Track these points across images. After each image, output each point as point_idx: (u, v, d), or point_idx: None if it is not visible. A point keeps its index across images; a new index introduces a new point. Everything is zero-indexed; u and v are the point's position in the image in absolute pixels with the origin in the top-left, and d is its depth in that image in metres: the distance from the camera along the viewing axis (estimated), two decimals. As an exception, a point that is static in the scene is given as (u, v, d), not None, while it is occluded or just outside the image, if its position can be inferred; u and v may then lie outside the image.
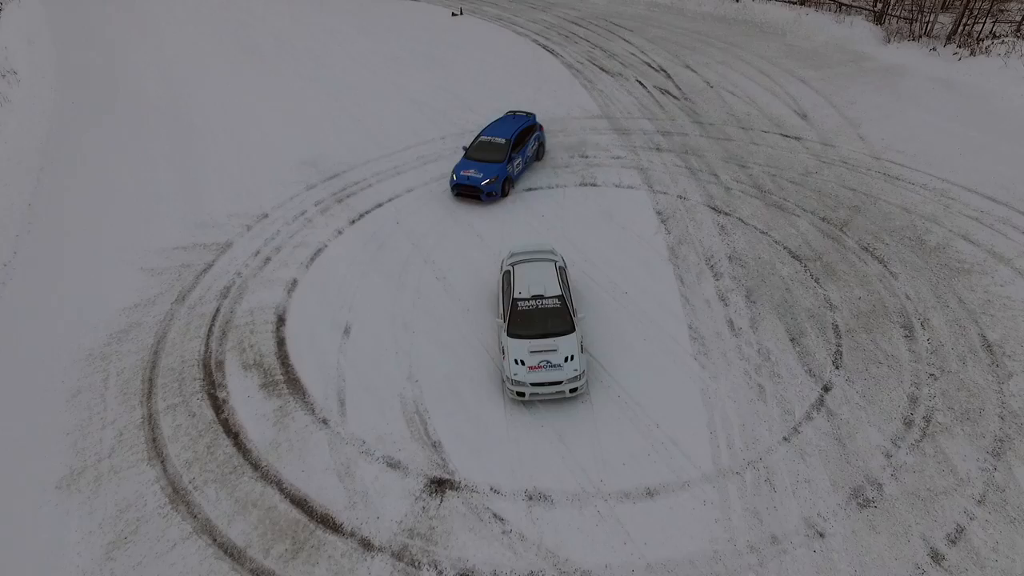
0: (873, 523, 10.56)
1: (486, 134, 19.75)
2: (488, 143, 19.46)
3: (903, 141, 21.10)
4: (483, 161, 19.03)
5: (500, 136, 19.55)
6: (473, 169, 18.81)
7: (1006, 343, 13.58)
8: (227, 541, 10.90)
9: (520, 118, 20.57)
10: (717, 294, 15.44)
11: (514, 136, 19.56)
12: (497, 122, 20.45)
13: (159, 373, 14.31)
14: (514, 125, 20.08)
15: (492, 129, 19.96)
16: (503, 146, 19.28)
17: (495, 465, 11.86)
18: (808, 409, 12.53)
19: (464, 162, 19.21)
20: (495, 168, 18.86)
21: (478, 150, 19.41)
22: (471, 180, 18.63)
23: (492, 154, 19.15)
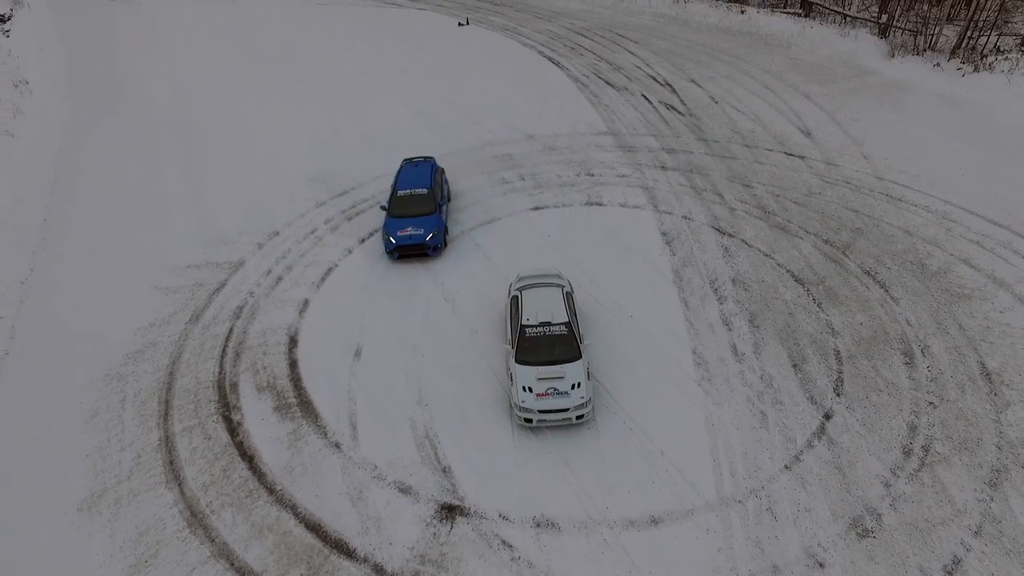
0: (872, 553, 10.86)
1: (403, 188, 18.66)
2: (411, 197, 18.42)
3: (906, 160, 21.32)
4: (414, 216, 18.02)
5: (420, 187, 18.60)
6: (411, 227, 17.71)
7: (1004, 371, 13.85)
8: (244, 565, 11.25)
9: (424, 164, 19.71)
10: (721, 318, 15.72)
11: (433, 183, 18.84)
12: (405, 173, 19.33)
13: (175, 394, 14.66)
14: (426, 172, 19.24)
15: (406, 182, 18.88)
16: (429, 196, 18.43)
17: (503, 491, 12.18)
18: (809, 437, 12.82)
19: (394, 222, 18.00)
20: (432, 221, 17.96)
21: (403, 206, 18.29)
22: (413, 239, 17.57)
23: (421, 207, 18.22)
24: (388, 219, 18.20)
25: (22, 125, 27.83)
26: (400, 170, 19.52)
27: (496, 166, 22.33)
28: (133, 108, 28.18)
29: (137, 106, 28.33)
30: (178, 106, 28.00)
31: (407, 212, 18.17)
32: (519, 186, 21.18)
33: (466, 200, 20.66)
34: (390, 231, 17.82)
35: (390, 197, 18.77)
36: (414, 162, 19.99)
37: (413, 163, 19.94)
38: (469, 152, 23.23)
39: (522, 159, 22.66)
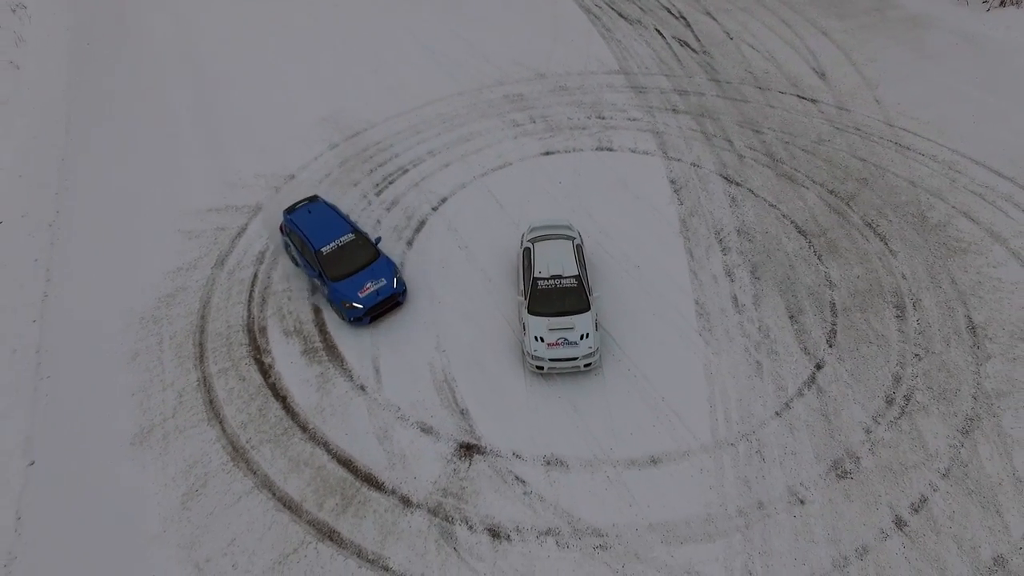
0: (848, 493, 12.09)
1: (323, 244, 15.73)
2: (341, 249, 15.75)
3: (919, 106, 21.24)
4: (361, 269, 15.55)
5: (344, 234, 16.01)
6: (369, 282, 15.30)
7: (989, 326, 14.67)
8: (285, 496, 12.59)
9: (322, 208, 16.90)
10: (724, 269, 16.42)
11: (353, 225, 16.55)
12: (309, 227, 16.18)
13: (208, 337, 15.65)
14: (333, 216, 16.63)
15: (320, 235, 15.91)
16: (362, 240, 16.11)
17: (517, 432, 13.35)
18: (800, 386, 13.84)
19: (344, 284, 15.26)
20: (382, 265, 15.76)
21: (341, 263, 15.60)
22: (382, 294, 15.25)
23: (362, 255, 15.80)
24: (331, 287, 15.31)
25: (26, 55, 27.49)
26: (296, 227, 16.25)
27: (507, 107, 22.31)
28: (134, 38, 27.65)
29: (138, 35, 27.77)
30: (181, 40, 27.44)
31: (350, 269, 15.54)
32: (530, 129, 21.29)
33: (478, 143, 20.85)
34: (347, 297, 15.10)
35: (307, 260, 15.90)
36: (308, 210, 16.78)
37: (308, 212, 16.71)
38: (479, 92, 23.11)
39: (533, 100, 22.60)
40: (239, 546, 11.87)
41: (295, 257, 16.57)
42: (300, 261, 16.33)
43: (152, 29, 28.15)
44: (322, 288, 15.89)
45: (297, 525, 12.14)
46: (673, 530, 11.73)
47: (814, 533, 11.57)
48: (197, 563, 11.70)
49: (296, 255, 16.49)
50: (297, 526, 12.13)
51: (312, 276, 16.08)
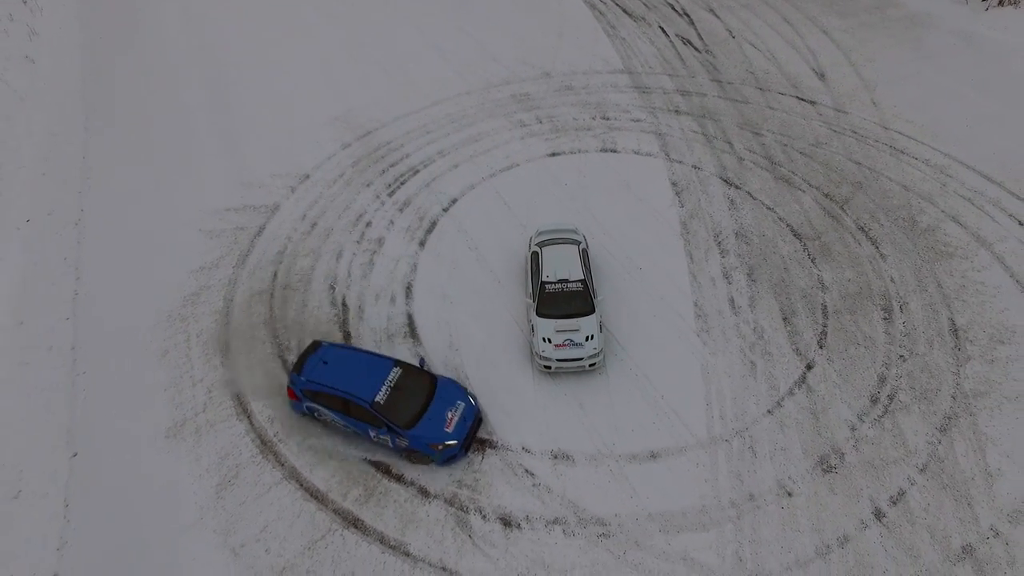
0: (832, 486, 13.10)
1: (374, 393, 13.39)
2: (398, 387, 13.64)
3: (914, 108, 21.87)
4: (429, 402, 13.63)
5: (389, 371, 13.83)
6: (448, 411, 13.52)
7: (971, 328, 15.56)
8: (312, 486, 13.59)
9: (333, 351, 14.52)
10: (722, 272, 17.26)
11: (390, 356, 14.57)
12: (342, 375, 13.76)
13: (232, 335, 16.54)
14: (359, 355, 14.52)
15: (363, 383, 13.58)
16: (413, 369, 14.16)
17: (526, 428, 14.32)
18: (791, 385, 14.78)
19: (423, 427, 13.24)
20: (447, 387, 14.06)
21: (406, 404, 13.48)
22: (468, 418, 13.66)
23: (421, 386, 13.88)
24: (410, 436, 13.21)
25: (39, 49, 27.94)
26: (323, 386, 13.71)
27: (514, 107, 22.93)
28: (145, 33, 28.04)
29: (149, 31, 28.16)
30: (190, 32, 27.85)
31: (417, 407, 13.58)
32: (536, 130, 21.95)
33: (486, 144, 21.52)
34: (435, 439, 13.23)
35: (356, 418, 13.56)
36: (322, 360, 14.19)
37: (324, 362, 14.14)
38: (487, 91, 23.69)
39: (539, 99, 23.21)
40: (271, 533, 12.90)
41: (332, 420, 13.86)
42: (345, 421, 13.65)
43: (161, 21, 28.55)
44: (391, 439, 13.34)
45: (323, 513, 13.16)
46: (671, 520, 12.75)
47: (800, 523, 12.59)
48: (233, 548, 12.73)
49: (336, 417, 13.66)
50: (323, 514, 13.15)
51: (368, 432, 13.52)
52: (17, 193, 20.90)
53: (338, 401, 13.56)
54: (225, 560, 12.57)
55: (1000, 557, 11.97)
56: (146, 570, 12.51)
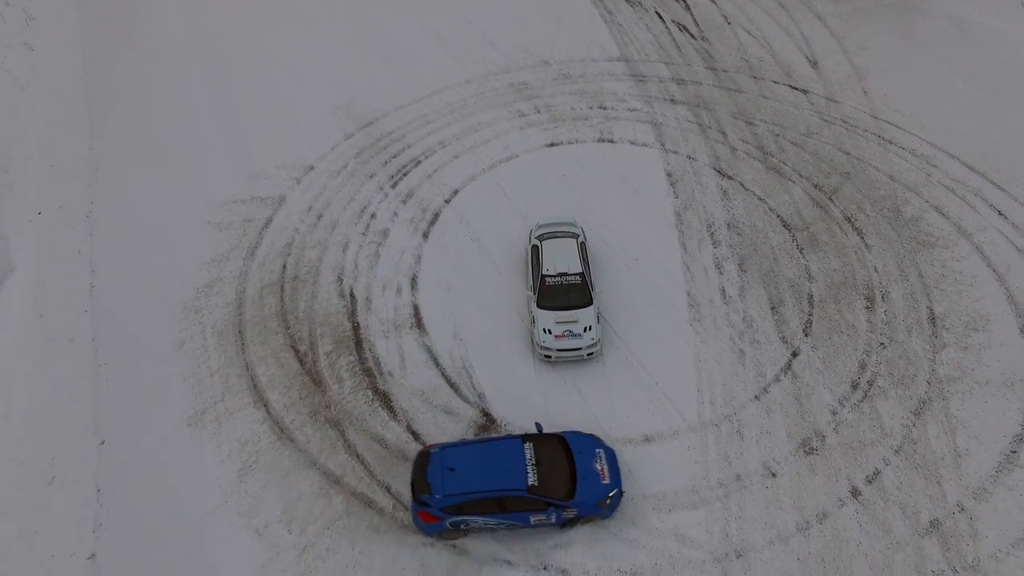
0: (813, 467, 14.10)
1: (521, 481, 12.49)
2: (542, 464, 12.82)
3: (904, 97, 22.40)
4: (573, 466, 13.02)
5: (522, 459, 12.84)
6: (597, 464, 13.09)
7: (948, 316, 16.45)
8: (328, 470, 14.52)
9: (449, 453, 13.14)
10: (714, 262, 18.03)
11: (509, 437, 13.71)
12: (477, 475, 12.67)
13: (246, 326, 17.30)
14: (479, 447, 13.41)
15: (505, 477, 12.59)
16: (549, 440, 13.46)
17: (528, 414, 15.22)
18: (777, 372, 15.69)
19: (586, 491, 12.72)
20: (585, 443, 13.56)
21: (557, 479, 12.79)
22: (611, 466, 13.24)
23: (560, 452, 13.24)
24: (578, 505, 12.70)
25: (37, 35, 27.92)
26: (467, 493, 12.45)
27: (513, 96, 23.33)
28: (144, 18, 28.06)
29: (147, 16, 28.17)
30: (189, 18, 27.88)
31: (566, 476, 12.88)
32: (535, 120, 22.42)
33: (485, 134, 22.00)
34: (602, 495, 12.85)
35: (518, 510, 12.61)
36: (449, 468, 12.74)
37: (452, 469, 12.71)
38: (486, 80, 24.04)
39: (537, 88, 23.61)
40: (292, 514, 13.86)
41: (485, 525, 12.86)
42: (501, 520, 12.70)
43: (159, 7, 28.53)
44: (556, 516, 12.72)
45: (340, 495, 14.11)
46: (663, 499, 13.76)
47: (782, 501, 13.62)
48: (257, 529, 13.70)
49: (490, 520, 12.67)
50: (340, 496, 14.10)
51: (528, 521, 12.76)
52: (27, 185, 21.35)
53: (491, 503, 12.30)
54: (250, 540, 13.54)
55: (964, 531, 13.04)
56: (177, 550, 13.47)
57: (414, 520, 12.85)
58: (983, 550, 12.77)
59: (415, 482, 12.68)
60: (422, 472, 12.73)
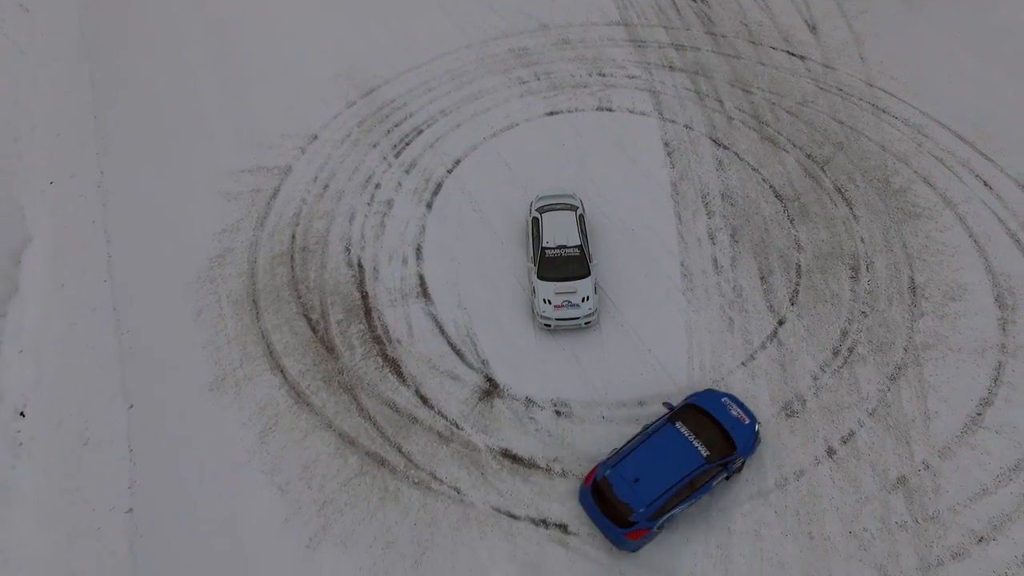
0: (793, 428, 15.22)
1: (698, 466, 13.44)
2: (694, 430, 13.93)
3: (899, 64, 22.61)
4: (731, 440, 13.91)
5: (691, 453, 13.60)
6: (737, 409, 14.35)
7: (927, 286, 17.31)
8: (343, 431, 15.62)
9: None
10: (708, 232, 18.74)
11: (666, 422, 14.29)
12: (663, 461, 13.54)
13: (260, 295, 18.12)
14: (668, 435, 13.97)
15: (682, 462, 13.50)
16: (688, 410, 14.44)
17: (529, 379, 16.25)
18: (764, 340, 16.65)
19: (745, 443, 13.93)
20: (711, 399, 14.62)
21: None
22: (751, 418, 14.35)
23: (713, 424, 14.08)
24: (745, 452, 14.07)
25: None
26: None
27: (513, 62, 23.49)
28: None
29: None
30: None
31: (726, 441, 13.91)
32: (535, 87, 22.67)
33: (486, 102, 22.30)
34: (748, 451, 14.13)
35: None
36: (633, 480, 13.34)
37: (636, 482, 13.31)
38: (486, 45, 24.12)
39: (537, 54, 23.73)
40: (311, 472, 15.03)
41: (683, 510, 13.63)
42: (694, 498, 13.57)
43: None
44: (727, 471, 13.89)
45: (355, 455, 15.26)
46: (653, 458, 14.90)
47: (764, 461, 14.78)
48: (279, 485, 14.88)
49: (685, 504, 13.46)
50: (355, 456, 15.25)
51: (711, 487, 13.75)
52: (37, 155, 21.77)
53: (684, 489, 13.22)
54: (273, 496, 14.74)
55: (928, 486, 14.26)
56: (208, 505, 14.69)
57: (622, 546, 13.19)
58: (943, 503, 14.01)
59: (612, 512, 12.97)
60: (611, 499, 13.07)
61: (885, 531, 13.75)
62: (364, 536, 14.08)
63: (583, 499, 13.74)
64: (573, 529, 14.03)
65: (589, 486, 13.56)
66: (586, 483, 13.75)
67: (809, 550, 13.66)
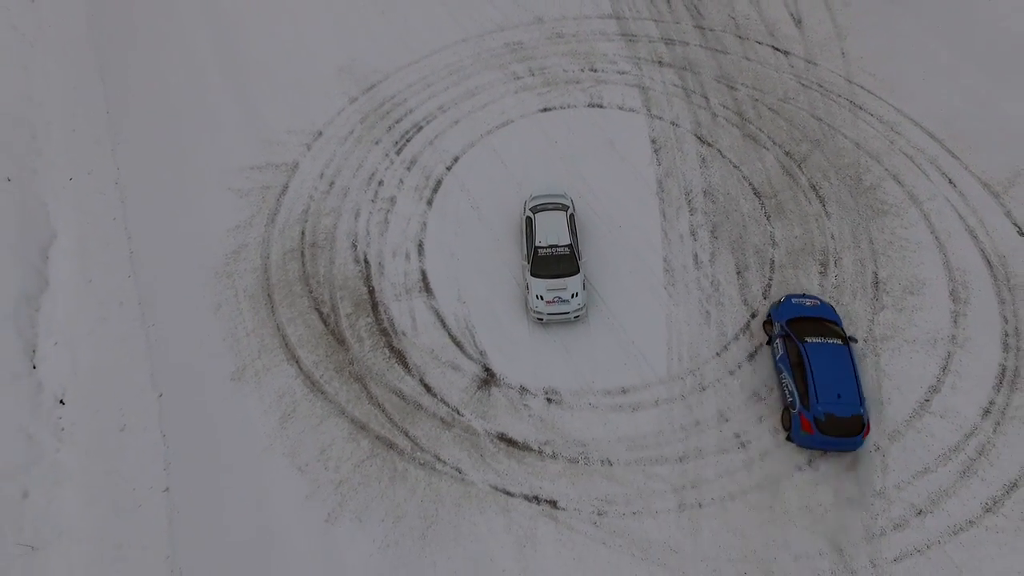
0: (760, 414, 16.94)
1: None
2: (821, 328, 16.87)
3: (878, 60, 23.56)
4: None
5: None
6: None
7: (889, 281, 18.81)
8: (355, 417, 17.30)
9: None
10: (690, 229, 20.11)
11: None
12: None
13: (274, 290, 19.56)
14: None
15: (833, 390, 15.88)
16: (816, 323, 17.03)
17: (523, 368, 17.86)
18: (737, 332, 18.23)
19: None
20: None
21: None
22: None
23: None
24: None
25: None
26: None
27: (508, 57, 24.36)
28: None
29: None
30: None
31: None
32: (529, 83, 23.63)
33: (482, 98, 23.29)
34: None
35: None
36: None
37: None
38: (482, 38, 24.93)
39: (531, 48, 24.58)
40: (328, 454, 16.76)
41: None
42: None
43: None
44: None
45: (366, 439, 16.97)
46: (635, 441, 16.67)
47: (732, 442, 16.55)
48: (299, 467, 16.63)
49: None
50: (367, 440, 16.97)
51: None
52: (55, 150, 22.86)
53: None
54: (294, 476, 16.51)
55: (877, 465, 16.05)
56: (237, 484, 16.45)
57: (859, 446, 15.87)
58: (889, 480, 15.85)
59: (849, 429, 15.45)
60: (842, 422, 15.49)
61: (837, 505, 15.60)
62: (376, 511, 15.90)
63: (809, 441, 15.80)
64: (562, 505, 15.87)
65: (813, 431, 15.56)
66: (807, 430, 15.62)
67: (770, 522, 15.53)
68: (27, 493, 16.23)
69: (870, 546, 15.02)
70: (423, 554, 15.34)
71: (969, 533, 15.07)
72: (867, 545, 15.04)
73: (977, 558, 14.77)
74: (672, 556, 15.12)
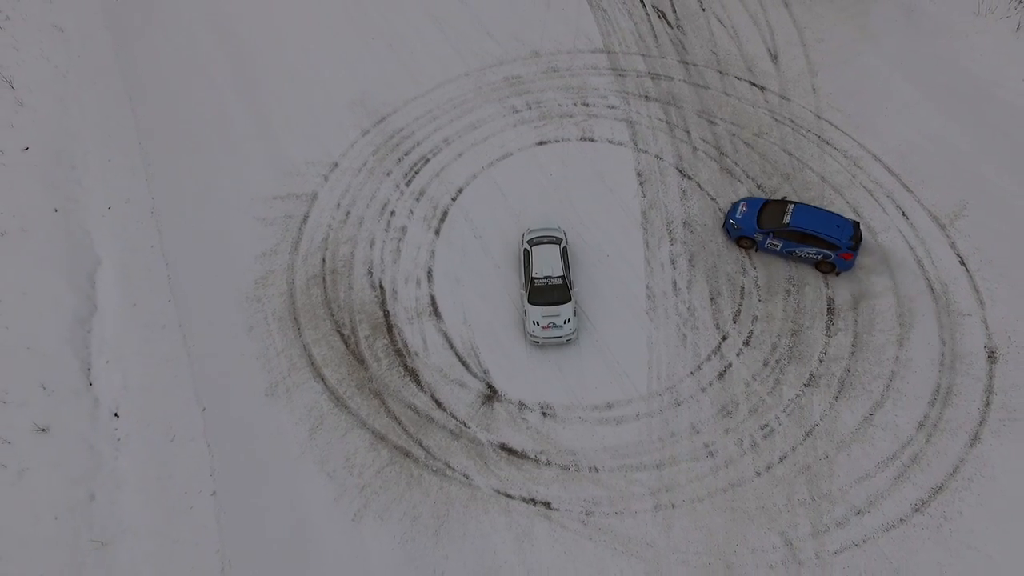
0: (727, 427, 19.57)
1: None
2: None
3: (846, 95, 25.74)
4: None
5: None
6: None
7: (843, 307, 21.31)
8: (375, 429, 19.87)
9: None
10: (670, 258, 22.53)
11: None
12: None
13: (299, 313, 21.97)
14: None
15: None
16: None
17: (521, 386, 20.39)
18: (709, 353, 20.78)
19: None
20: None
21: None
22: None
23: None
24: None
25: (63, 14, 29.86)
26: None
27: (507, 91, 26.47)
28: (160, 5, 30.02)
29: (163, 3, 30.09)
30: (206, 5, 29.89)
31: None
32: (526, 116, 25.79)
33: (484, 131, 25.47)
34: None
35: None
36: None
37: None
38: (483, 72, 27.00)
39: (529, 82, 26.67)
40: (353, 462, 19.35)
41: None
42: None
43: None
44: None
45: (386, 449, 19.56)
46: (619, 450, 19.29)
47: (703, 451, 19.19)
48: (328, 472, 19.22)
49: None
50: (386, 449, 19.55)
51: None
52: (93, 180, 25.00)
53: None
54: (324, 480, 19.10)
55: (825, 471, 18.74)
56: (274, 488, 19.04)
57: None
58: (835, 484, 18.54)
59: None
60: (859, 232, 21.38)
61: (789, 506, 18.32)
62: (396, 511, 18.55)
63: (851, 265, 21.52)
64: (555, 506, 18.55)
65: (851, 256, 21.15)
66: (848, 259, 21.17)
67: (732, 520, 18.23)
68: (93, 496, 18.79)
69: (815, 541, 17.77)
70: (436, 548, 18.03)
71: (899, 530, 17.81)
72: (813, 540, 17.78)
73: (905, 551, 17.53)
74: (648, 550, 17.84)
